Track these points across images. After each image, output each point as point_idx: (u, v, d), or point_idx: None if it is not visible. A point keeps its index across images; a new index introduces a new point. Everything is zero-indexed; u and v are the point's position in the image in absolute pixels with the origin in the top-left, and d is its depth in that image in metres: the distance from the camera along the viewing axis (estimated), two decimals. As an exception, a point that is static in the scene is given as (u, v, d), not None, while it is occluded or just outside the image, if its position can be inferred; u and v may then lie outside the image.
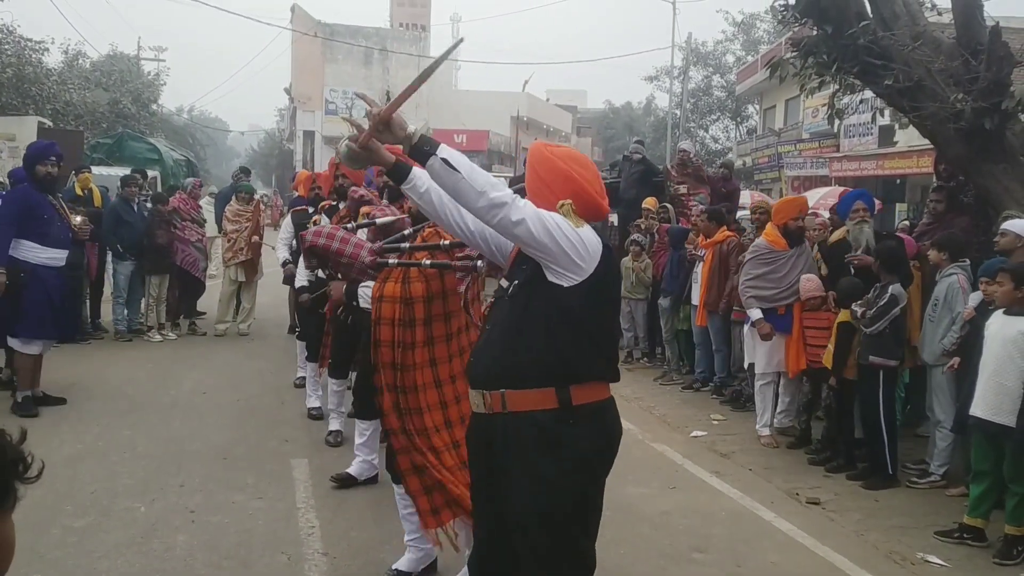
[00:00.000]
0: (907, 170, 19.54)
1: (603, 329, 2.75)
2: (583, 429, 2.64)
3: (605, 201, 2.77)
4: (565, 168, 2.71)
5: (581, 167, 2.73)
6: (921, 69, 6.78)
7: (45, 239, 7.15)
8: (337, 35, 38.29)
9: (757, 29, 41.77)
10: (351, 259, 4.12)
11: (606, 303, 2.80)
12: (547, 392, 2.62)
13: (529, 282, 2.66)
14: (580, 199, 2.68)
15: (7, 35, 24.75)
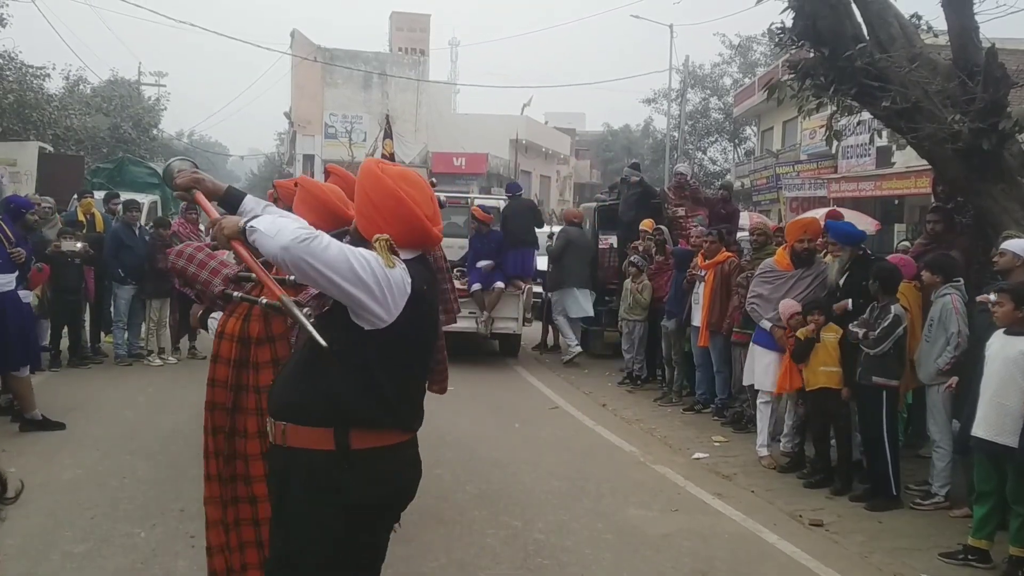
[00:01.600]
0: (905, 191, 19.58)
1: (400, 376, 2.57)
2: (359, 475, 2.50)
3: (437, 227, 2.61)
4: (394, 188, 2.52)
5: (412, 188, 2.55)
6: (918, 91, 6.82)
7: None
8: (336, 60, 38.48)
9: (754, 52, 42.01)
10: (203, 286, 3.86)
11: (410, 349, 2.59)
12: (326, 433, 2.49)
13: (330, 316, 2.51)
14: (407, 223, 2.53)
15: (8, 61, 24.89)
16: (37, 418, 7.25)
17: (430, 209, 2.59)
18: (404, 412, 2.61)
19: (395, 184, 2.52)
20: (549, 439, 7.77)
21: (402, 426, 2.61)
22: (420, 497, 5.77)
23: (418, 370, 2.70)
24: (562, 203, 47.28)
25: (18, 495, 1.80)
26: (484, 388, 10.10)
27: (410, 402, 2.65)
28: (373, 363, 2.49)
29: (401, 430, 2.61)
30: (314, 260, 2.33)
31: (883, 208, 21.75)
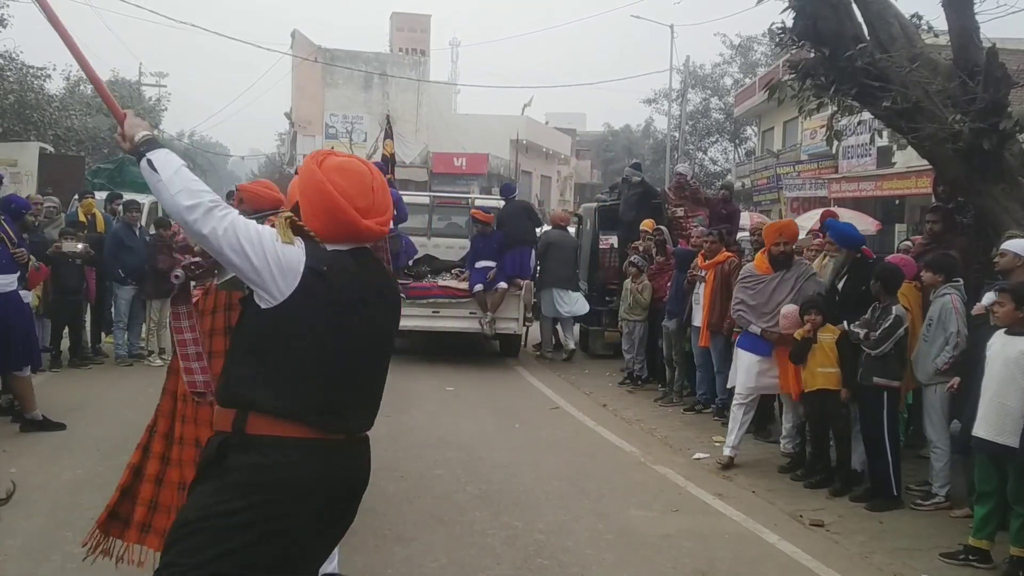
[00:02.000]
0: (906, 191, 19.58)
1: (306, 366, 2.43)
2: (255, 461, 2.38)
3: (370, 220, 2.49)
4: (320, 180, 2.47)
5: (344, 180, 2.48)
6: (919, 91, 6.82)
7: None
8: (337, 60, 38.48)
9: (755, 52, 42.02)
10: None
11: (315, 336, 2.44)
12: (228, 413, 2.45)
13: (247, 297, 2.52)
14: (332, 216, 2.46)
15: (9, 62, 24.89)
16: (38, 418, 7.26)
17: (365, 201, 2.49)
18: (311, 407, 2.43)
19: (324, 176, 2.48)
20: (550, 439, 7.77)
21: (306, 421, 2.42)
22: (421, 497, 5.85)
23: (343, 365, 2.48)
24: (563, 203, 47.29)
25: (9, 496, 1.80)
26: (484, 388, 10.10)
27: (325, 398, 2.46)
28: (267, 344, 2.43)
29: (305, 424, 2.41)
30: (209, 224, 2.35)
31: (884, 208, 21.74)
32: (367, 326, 2.54)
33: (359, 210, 2.48)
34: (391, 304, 2.69)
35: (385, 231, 2.56)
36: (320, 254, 2.45)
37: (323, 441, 2.45)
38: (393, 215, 2.85)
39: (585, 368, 11.69)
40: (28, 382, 7.30)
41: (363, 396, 2.60)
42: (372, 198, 2.51)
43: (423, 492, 6.02)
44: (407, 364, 11.28)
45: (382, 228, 2.54)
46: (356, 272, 2.52)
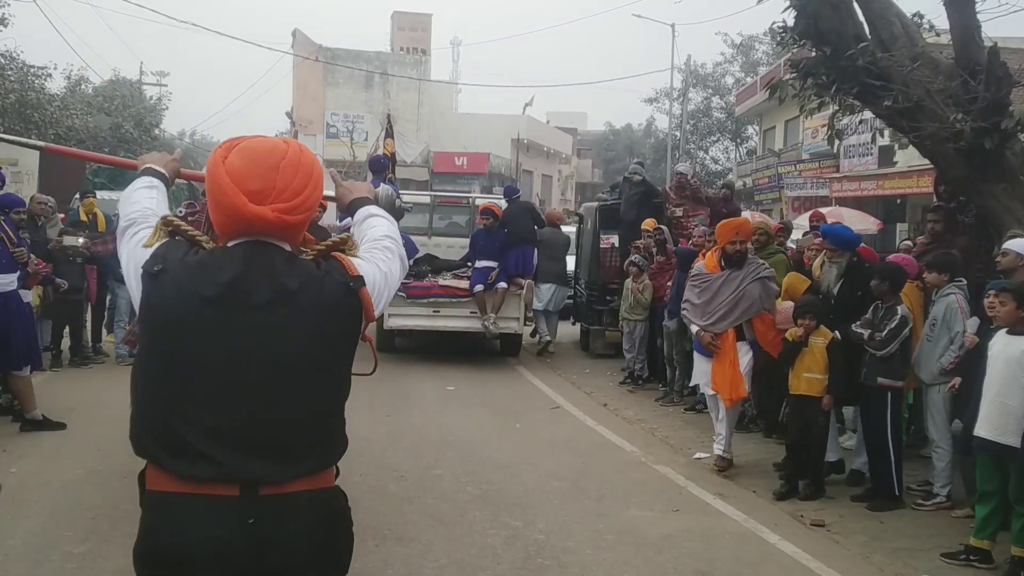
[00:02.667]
0: (907, 190, 19.56)
1: (144, 387, 2.04)
2: (143, 523, 2.03)
3: (264, 205, 1.98)
4: (216, 160, 2.04)
5: (239, 158, 2.02)
6: (920, 90, 6.81)
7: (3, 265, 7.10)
8: (338, 59, 38.46)
9: (756, 51, 42.06)
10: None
11: (157, 350, 2.02)
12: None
13: None
14: (216, 200, 2.03)
15: (10, 61, 24.88)
16: (38, 418, 7.26)
17: (259, 184, 1.99)
18: (162, 446, 1.99)
19: (221, 156, 2.05)
20: (550, 439, 7.76)
21: (162, 465, 1.98)
22: (421, 497, 5.85)
23: (208, 392, 1.97)
24: (564, 202, 47.30)
25: None
26: (485, 388, 10.09)
27: (178, 435, 1.96)
28: (137, 373, 2.09)
29: (162, 470, 1.98)
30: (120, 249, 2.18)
31: (885, 207, 21.73)
32: (245, 341, 1.97)
33: (249, 193, 1.98)
34: (297, 314, 2.00)
35: (289, 221, 2.03)
36: (171, 253, 2.02)
37: (193, 497, 1.95)
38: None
39: (586, 367, 11.69)
40: (28, 382, 7.30)
41: (258, 433, 1.98)
42: (272, 180, 2.00)
43: (423, 492, 6.01)
44: (407, 363, 11.28)
45: (281, 217, 2.00)
46: (230, 270, 1.99)
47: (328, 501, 2.10)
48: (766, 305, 6.81)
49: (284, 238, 2.09)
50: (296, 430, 2.02)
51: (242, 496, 1.94)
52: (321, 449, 2.08)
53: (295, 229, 2.10)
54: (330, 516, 2.10)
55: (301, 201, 2.04)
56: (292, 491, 1.99)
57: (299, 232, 2.15)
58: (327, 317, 2.04)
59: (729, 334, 6.75)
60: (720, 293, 6.78)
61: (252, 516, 1.94)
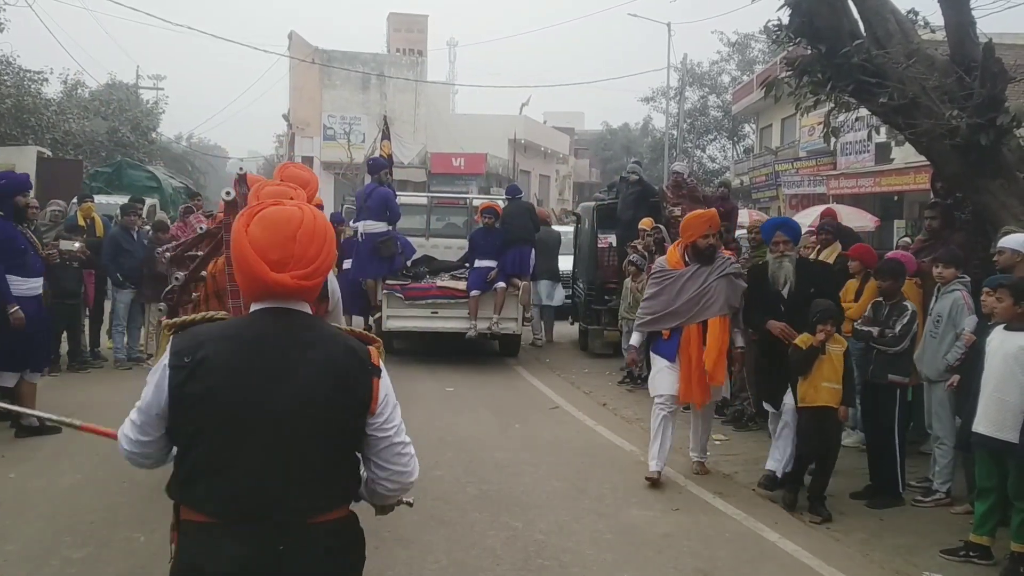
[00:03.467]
0: (904, 187, 19.59)
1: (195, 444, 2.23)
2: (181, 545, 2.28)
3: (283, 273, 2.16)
4: (239, 230, 2.24)
5: (259, 228, 2.20)
6: (916, 87, 6.81)
7: (24, 270, 7.17)
8: (335, 61, 38.42)
9: (752, 49, 42.04)
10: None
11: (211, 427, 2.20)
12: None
13: None
14: (241, 269, 2.24)
15: (6, 66, 24.86)
16: (34, 424, 7.24)
17: (279, 253, 2.17)
18: (195, 486, 2.21)
19: (243, 226, 2.22)
20: (549, 439, 7.76)
21: (201, 510, 2.20)
22: (420, 499, 5.79)
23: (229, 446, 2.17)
24: (562, 202, 47.29)
25: None
26: (484, 388, 10.09)
27: (203, 477, 2.20)
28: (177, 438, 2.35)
29: (195, 508, 2.21)
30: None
31: (882, 204, 21.76)
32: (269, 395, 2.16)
33: (270, 263, 2.16)
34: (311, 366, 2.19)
35: (307, 286, 2.21)
36: (191, 341, 2.20)
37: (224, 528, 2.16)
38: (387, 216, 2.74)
39: (585, 367, 11.68)
40: (33, 388, 7.31)
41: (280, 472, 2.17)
42: (291, 249, 2.19)
43: (423, 493, 5.99)
44: (406, 364, 11.27)
45: (299, 283, 2.19)
46: (256, 335, 2.22)
47: (344, 530, 2.29)
48: (733, 303, 6.36)
49: (302, 299, 2.28)
50: (315, 473, 2.20)
51: (270, 529, 2.15)
52: (338, 489, 2.28)
53: (312, 291, 2.28)
54: (347, 543, 2.30)
55: (317, 266, 2.23)
56: (313, 522, 2.19)
57: (315, 293, 2.31)
58: (338, 374, 2.21)
59: (692, 334, 6.29)
60: (685, 289, 6.30)
61: (281, 545, 2.14)
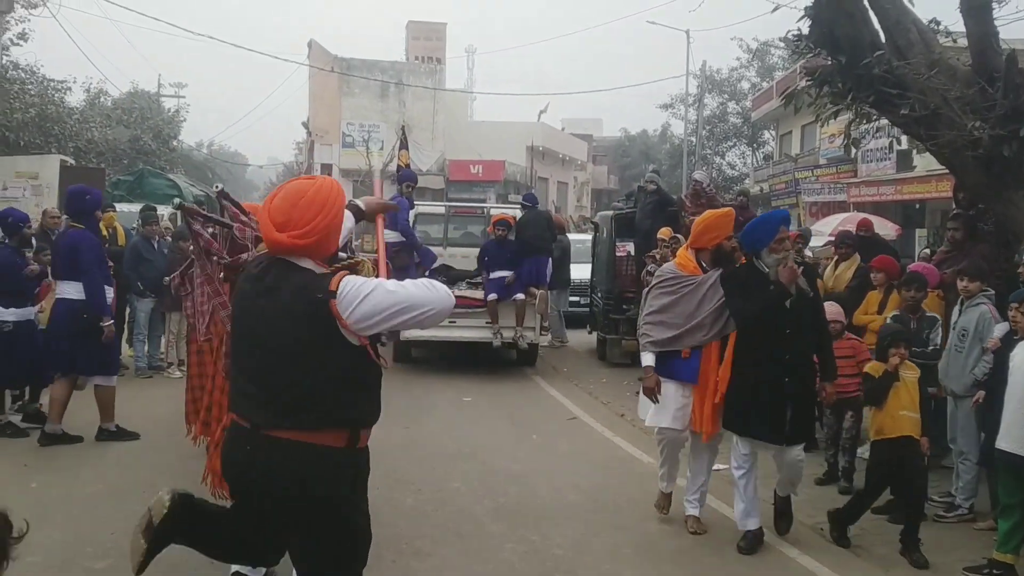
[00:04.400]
0: (926, 195, 19.45)
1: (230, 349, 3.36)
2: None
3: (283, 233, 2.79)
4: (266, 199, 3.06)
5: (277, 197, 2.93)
6: (937, 97, 6.76)
7: (108, 281, 7.57)
8: (354, 69, 38.60)
9: (772, 55, 41.88)
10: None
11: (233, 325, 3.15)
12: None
13: None
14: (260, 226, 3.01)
15: (30, 75, 25.15)
16: (57, 432, 7.32)
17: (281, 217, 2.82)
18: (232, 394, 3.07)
19: (269, 197, 3.00)
20: (567, 451, 7.74)
21: (231, 407, 3.08)
22: (438, 511, 5.85)
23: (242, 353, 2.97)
24: (579, 209, 47.26)
25: (22, 536, 1.98)
26: (501, 398, 10.09)
27: (235, 387, 3.02)
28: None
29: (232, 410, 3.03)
30: None
31: (904, 212, 21.61)
32: (255, 323, 2.87)
33: (276, 224, 2.80)
34: (279, 307, 2.80)
35: (300, 244, 2.80)
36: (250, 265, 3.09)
37: (240, 428, 2.90)
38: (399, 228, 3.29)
39: (603, 377, 11.66)
40: (67, 394, 7.47)
41: (258, 388, 2.85)
42: (291, 214, 2.80)
43: (440, 505, 6.01)
44: (423, 374, 11.30)
45: (294, 241, 2.79)
46: (258, 274, 2.90)
47: (311, 451, 2.78)
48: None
49: (304, 255, 2.84)
50: (284, 394, 2.80)
51: (250, 431, 2.85)
52: (308, 413, 2.78)
53: (310, 249, 2.83)
54: (310, 464, 2.78)
55: (310, 229, 2.80)
56: (283, 437, 2.78)
57: (316, 250, 2.86)
58: (299, 314, 2.76)
59: (713, 351, 5.50)
60: (708, 299, 5.40)
61: (252, 447, 2.83)
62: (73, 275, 7.25)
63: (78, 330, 7.21)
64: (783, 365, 5.15)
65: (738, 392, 5.31)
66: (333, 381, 2.80)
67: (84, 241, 7.30)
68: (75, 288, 7.24)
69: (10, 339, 7.45)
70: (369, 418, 2.97)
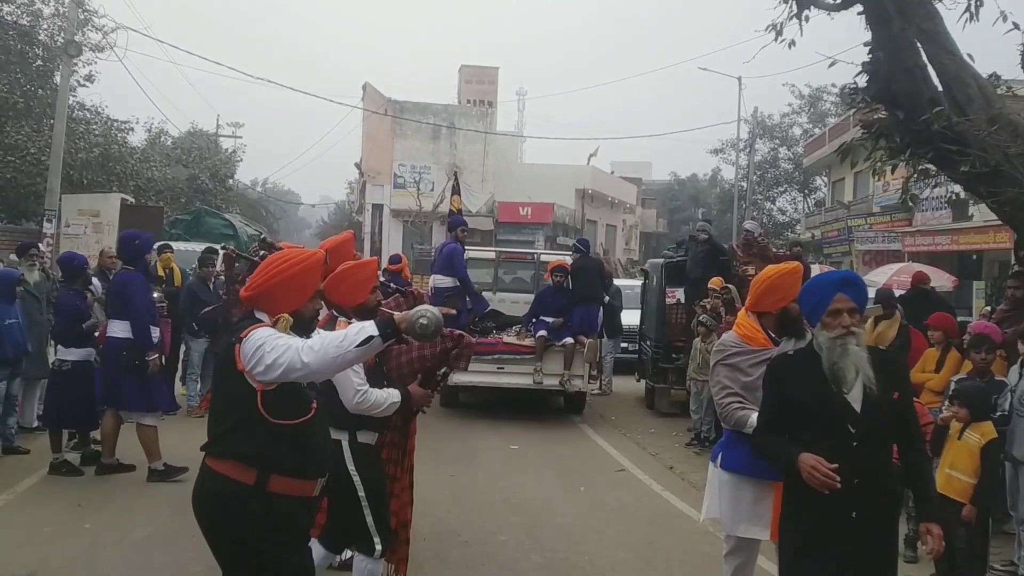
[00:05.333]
0: (983, 245, 19.05)
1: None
2: None
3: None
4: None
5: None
6: (998, 154, 6.67)
7: (154, 320, 7.81)
8: (406, 112, 39.18)
9: (824, 102, 41.65)
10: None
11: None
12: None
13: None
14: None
15: (95, 115, 25.99)
16: (113, 464, 7.71)
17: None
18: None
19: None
20: (615, 505, 7.64)
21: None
22: (484, 565, 5.82)
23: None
24: (628, 252, 47.15)
25: None
26: (548, 447, 10.01)
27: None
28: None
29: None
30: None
31: (961, 263, 21.16)
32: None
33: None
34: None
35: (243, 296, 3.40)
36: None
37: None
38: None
39: (651, 427, 11.52)
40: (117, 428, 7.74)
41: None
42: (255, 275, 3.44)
43: (487, 560, 5.95)
44: (471, 420, 11.27)
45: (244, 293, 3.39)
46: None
47: (210, 478, 3.27)
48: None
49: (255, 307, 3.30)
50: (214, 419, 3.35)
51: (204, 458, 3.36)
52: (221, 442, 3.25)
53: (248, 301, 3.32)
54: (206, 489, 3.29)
55: (252, 285, 3.31)
56: (205, 458, 3.31)
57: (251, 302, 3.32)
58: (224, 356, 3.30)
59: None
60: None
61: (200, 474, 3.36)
62: (122, 314, 7.52)
63: (124, 367, 7.45)
64: (849, 495, 3.43)
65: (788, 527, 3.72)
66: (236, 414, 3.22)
67: (134, 283, 7.61)
68: (123, 327, 7.51)
69: (69, 379, 7.70)
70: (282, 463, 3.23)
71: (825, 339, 3.59)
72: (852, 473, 3.42)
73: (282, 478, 3.19)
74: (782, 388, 3.69)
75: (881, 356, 3.71)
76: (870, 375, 3.51)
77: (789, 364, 3.77)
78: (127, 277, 7.66)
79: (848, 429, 3.49)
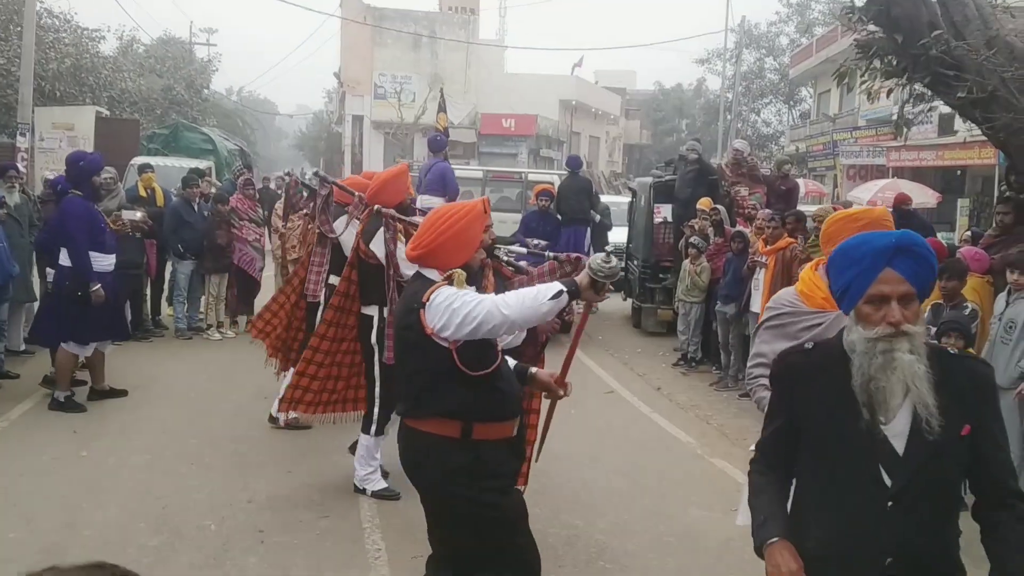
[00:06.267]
0: (968, 161, 19.05)
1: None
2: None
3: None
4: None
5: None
6: (995, 78, 6.61)
7: (102, 247, 7.43)
8: (386, 20, 38.22)
9: (812, 10, 40.93)
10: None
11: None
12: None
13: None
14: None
15: (64, 24, 25.17)
16: (105, 388, 7.70)
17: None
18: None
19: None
20: (606, 427, 7.76)
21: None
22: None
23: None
24: (611, 164, 46.88)
25: None
26: (537, 368, 10.09)
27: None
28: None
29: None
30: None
31: (944, 179, 21.20)
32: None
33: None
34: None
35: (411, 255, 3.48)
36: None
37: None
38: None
39: (638, 347, 11.65)
40: (103, 356, 7.70)
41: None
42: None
43: (483, 485, 6.05)
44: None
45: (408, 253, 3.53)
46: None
47: (416, 438, 3.35)
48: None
49: (427, 266, 3.41)
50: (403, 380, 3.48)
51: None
52: (412, 400, 3.36)
53: (422, 260, 3.42)
54: (415, 448, 3.38)
55: (421, 243, 3.39)
56: (403, 421, 3.46)
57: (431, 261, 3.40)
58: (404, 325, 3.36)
59: None
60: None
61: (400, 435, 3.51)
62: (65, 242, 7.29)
63: (66, 296, 7.26)
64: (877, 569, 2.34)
65: None
66: (429, 367, 3.27)
67: (71, 208, 7.29)
68: (66, 255, 7.29)
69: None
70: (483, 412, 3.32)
71: (860, 339, 2.31)
72: (881, 548, 2.31)
73: (483, 425, 3.29)
74: (791, 400, 2.49)
75: (952, 367, 2.35)
76: (927, 400, 2.25)
77: (804, 364, 2.50)
78: (65, 204, 7.35)
79: (882, 479, 2.32)
